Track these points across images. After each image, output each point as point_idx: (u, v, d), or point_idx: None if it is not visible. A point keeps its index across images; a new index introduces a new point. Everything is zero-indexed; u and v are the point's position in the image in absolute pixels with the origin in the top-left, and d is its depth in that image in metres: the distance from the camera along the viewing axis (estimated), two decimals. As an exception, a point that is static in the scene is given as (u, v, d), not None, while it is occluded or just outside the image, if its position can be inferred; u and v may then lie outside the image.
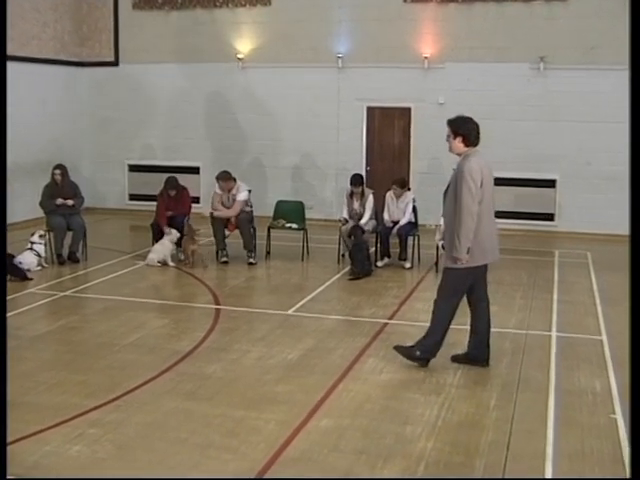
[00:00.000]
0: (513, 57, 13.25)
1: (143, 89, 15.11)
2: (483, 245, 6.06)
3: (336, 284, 9.73)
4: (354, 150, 14.13)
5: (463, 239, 5.96)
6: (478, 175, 5.91)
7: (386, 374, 6.26)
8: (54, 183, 10.69)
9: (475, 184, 5.89)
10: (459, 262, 6.04)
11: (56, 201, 10.53)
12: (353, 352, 6.81)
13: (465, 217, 5.91)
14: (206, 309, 8.36)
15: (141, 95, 15.12)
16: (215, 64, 14.61)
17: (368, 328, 7.59)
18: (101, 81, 15.41)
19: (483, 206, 5.97)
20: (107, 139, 15.49)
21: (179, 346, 6.94)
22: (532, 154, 13.43)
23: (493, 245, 6.20)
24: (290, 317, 8.04)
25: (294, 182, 14.54)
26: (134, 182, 15.44)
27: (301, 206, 11.61)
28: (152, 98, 15.08)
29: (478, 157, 6.03)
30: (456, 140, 6.03)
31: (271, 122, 14.46)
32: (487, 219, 6.06)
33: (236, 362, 6.53)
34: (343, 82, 14.05)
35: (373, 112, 14.04)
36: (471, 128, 6.04)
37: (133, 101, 15.19)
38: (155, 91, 15.05)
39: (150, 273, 10.18)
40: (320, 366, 6.44)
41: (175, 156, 14.98)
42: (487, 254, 6.15)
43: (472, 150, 6.05)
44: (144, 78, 15.10)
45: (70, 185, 10.79)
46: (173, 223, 10.78)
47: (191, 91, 14.85)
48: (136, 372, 6.22)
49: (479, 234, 6.01)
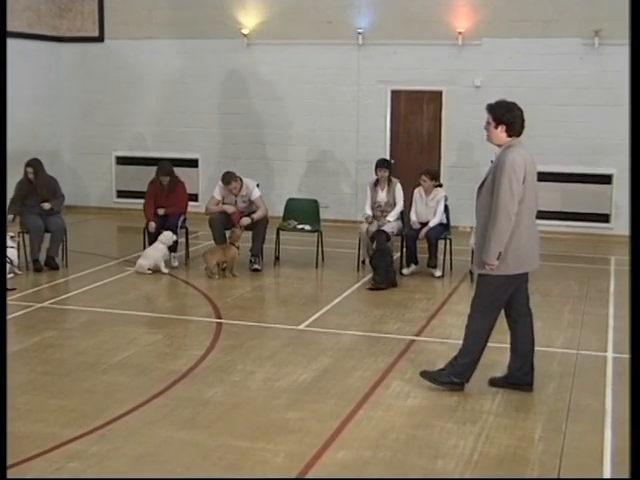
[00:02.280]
0: (562, 31, 13.22)
1: (132, 69, 15.18)
2: (521, 251, 6.05)
3: (355, 295, 9.71)
4: (376, 140, 14.13)
5: (494, 242, 5.95)
6: (521, 170, 5.91)
7: (413, 399, 6.24)
8: (27, 181, 10.73)
9: (517, 180, 5.88)
10: (488, 267, 6.03)
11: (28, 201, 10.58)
12: (375, 374, 6.80)
13: (501, 217, 5.90)
14: (205, 323, 8.37)
15: (130, 76, 15.20)
16: (216, 40, 14.67)
17: (392, 346, 7.58)
18: (83, 59, 15.50)
19: (524, 206, 5.97)
20: (91, 127, 15.58)
21: (174, 366, 6.95)
22: (584, 145, 13.38)
23: (533, 251, 6.19)
24: (302, 333, 8.04)
25: (307, 177, 14.56)
26: (122, 177, 15.51)
27: (315, 205, 11.63)
28: (143, 80, 15.15)
29: (522, 149, 6.03)
30: (498, 129, 6.03)
31: (280, 108, 14.49)
32: (528, 221, 6.05)
33: (239, 385, 6.53)
34: (364, 62, 14.06)
35: (398, 96, 14.04)
36: (516, 116, 6.04)
37: (121, 83, 15.27)
38: (146, 71, 15.12)
39: (141, 282, 10.20)
40: (337, 390, 6.43)
41: (169, 147, 15.04)
42: (526, 261, 6.14)
43: (515, 141, 6.05)
44: (133, 56, 15.17)
45: (46, 182, 10.80)
46: (166, 224, 10.81)
47: (188, 72, 14.91)
48: (124, 396, 6.23)
49: (517, 238, 6.00)
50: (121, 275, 10.44)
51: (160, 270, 10.48)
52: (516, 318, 6.37)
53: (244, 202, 10.85)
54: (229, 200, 10.85)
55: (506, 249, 5.98)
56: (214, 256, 10.31)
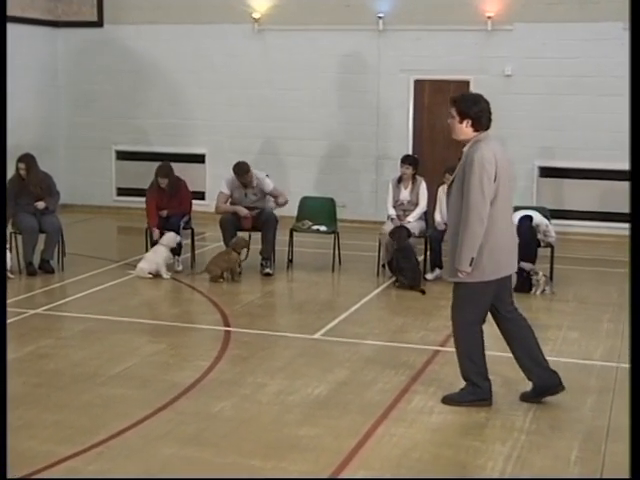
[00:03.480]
0: (602, 14, 13.14)
1: (134, 57, 15.24)
2: (497, 255, 6.04)
3: (375, 301, 9.71)
4: (398, 134, 14.12)
5: (466, 247, 5.93)
6: (492, 166, 5.90)
7: (438, 415, 6.23)
8: (19, 178, 10.76)
9: (489, 178, 5.87)
10: (461, 275, 6.03)
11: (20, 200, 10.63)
12: (396, 387, 6.79)
13: (472, 220, 5.88)
14: (212, 332, 8.38)
15: (131, 64, 15.25)
16: (224, 26, 14.71)
17: (415, 357, 7.57)
18: (81, 46, 15.57)
19: (497, 206, 5.95)
20: (89, 119, 15.64)
21: (178, 378, 6.96)
22: (626, 139, 13.29)
23: (511, 254, 6.20)
24: (317, 342, 8.05)
25: (322, 174, 14.56)
26: (123, 173, 15.57)
27: (331, 204, 11.64)
28: (145, 68, 15.20)
29: (491, 143, 6.03)
30: (463, 123, 6.03)
31: (294, 99, 14.50)
32: (502, 222, 6.04)
33: (249, 398, 6.53)
34: (385, 49, 14.06)
35: (422, 86, 14.02)
36: (483, 109, 6.04)
37: (121, 71, 15.32)
38: (149, 60, 15.17)
39: (142, 286, 10.23)
40: (355, 404, 6.43)
41: (174, 141, 15.08)
42: (503, 266, 6.14)
43: (483, 135, 6.05)
44: (135, 43, 15.22)
45: (40, 179, 10.82)
46: (168, 225, 10.84)
47: (194, 60, 14.95)
48: (124, 410, 6.24)
49: (492, 241, 5.98)
50: (122, 279, 10.47)
51: (161, 274, 10.49)
52: (505, 326, 6.40)
53: (255, 195, 10.88)
54: (238, 194, 10.87)
55: (480, 254, 5.97)
56: (217, 267, 10.32)
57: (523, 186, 13.31)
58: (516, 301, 6.57)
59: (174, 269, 10.80)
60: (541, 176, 13.70)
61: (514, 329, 6.41)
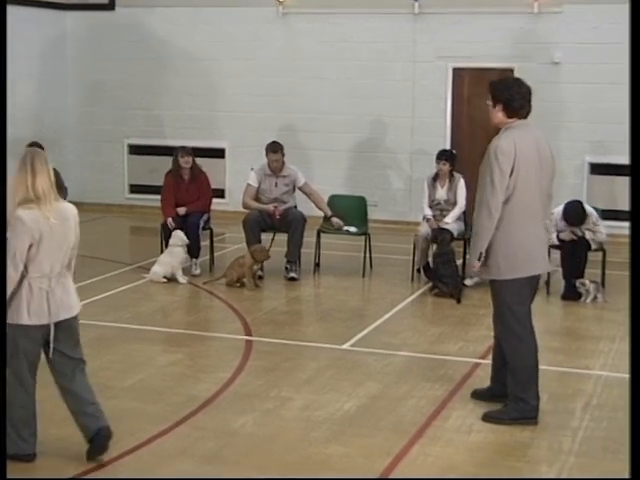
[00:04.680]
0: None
1: (148, 42, 15.30)
2: (514, 254, 6.13)
3: (409, 309, 9.71)
4: (434, 128, 14.10)
5: (474, 241, 6.17)
6: (507, 159, 6.00)
7: (477, 434, 6.22)
8: None
9: (500, 170, 5.99)
10: (473, 270, 6.23)
11: None
12: (432, 403, 6.79)
13: (481, 213, 6.07)
14: (233, 341, 8.42)
15: (145, 51, 15.32)
16: (246, 9, 14.76)
17: (453, 370, 7.57)
18: (91, 31, 15.65)
19: (516, 202, 6.05)
20: (100, 110, 15.73)
21: (196, 390, 6.99)
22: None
23: (532, 256, 6.25)
24: (347, 353, 8.06)
25: (352, 170, 14.57)
26: (136, 169, 15.64)
27: (362, 203, 11.65)
28: (160, 55, 15.26)
29: (520, 132, 6.11)
30: (496, 108, 6.17)
31: (322, 89, 14.52)
32: (523, 219, 6.12)
33: (273, 413, 6.56)
34: (421, 34, 14.05)
35: (461, 75, 13.99)
36: (515, 93, 6.13)
37: (135, 59, 15.39)
38: (164, 46, 15.23)
39: (157, 292, 10.29)
40: (387, 421, 6.43)
41: (192, 134, 15.13)
42: (518, 266, 6.19)
43: (516, 123, 6.16)
44: (149, 27, 15.29)
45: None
46: (186, 224, 10.89)
47: (213, 46, 14.99)
48: (137, 425, 6.28)
49: (509, 239, 6.10)
50: (135, 284, 10.52)
51: (176, 279, 10.53)
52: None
53: (286, 185, 10.94)
54: (267, 185, 10.92)
55: (495, 251, 6.11)
56: (233, 271, 10.36)
57: (572, 184, 13.25)
58: (564, 310, 6.55)
59: (191, 273, 10.85)
60: (592, 173, 13.62)
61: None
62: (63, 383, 5.68)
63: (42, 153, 5.55)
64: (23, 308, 5.38)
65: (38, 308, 5.41)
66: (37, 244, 5.33)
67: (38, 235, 5.31)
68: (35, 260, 5.36)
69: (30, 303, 5.39)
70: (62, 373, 5.66)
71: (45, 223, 5.34)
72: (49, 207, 5.38)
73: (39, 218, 5.33)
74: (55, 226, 5.40)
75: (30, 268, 5.37)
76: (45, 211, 5.36)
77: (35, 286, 5.40)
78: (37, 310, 5.41)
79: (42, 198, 5.36)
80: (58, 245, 5.46)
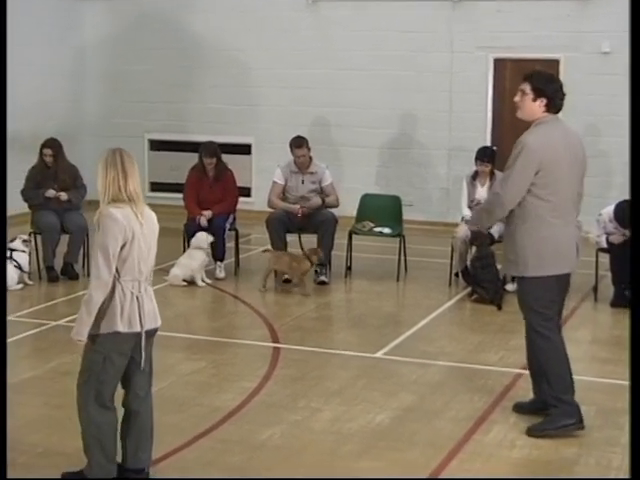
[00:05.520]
0: None
1: (170, 32, 15.34)
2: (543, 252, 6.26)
3: (447, 316, 9.69)
4: (474, 122, 14.05)
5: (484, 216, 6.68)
6: (534, 154, 6.15)
7: (520, 449, 6.20)
8: (44, 166, 10.87)
9: (523, 165, 6.15)
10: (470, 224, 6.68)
11: (46, 192, 10.73)
12: (471, 415, 6.77)
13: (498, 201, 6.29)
14: (259, 348, 8.43)
15: (168, 41, 15.36)
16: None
17: (493, 381, 7.54)
18: (111, 18, 15.72)
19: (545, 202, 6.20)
20: (119, 103, 15.79)
21: (220, 401, 7.01)
22: None
23: (561, 255, 6.36)
24: (380, 362, 8.05)
25: (386, 168, 14.55)
26: (157, 165, 15.69)
27: (396, 203, 11.65)
28: (183, 45, 15.29)
29: (552, 127, 6.28)
30: (537, 102, 6.31)
31: (353, 81, 14.51)
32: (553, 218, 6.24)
33: (301, 425, 6.55)
34: (459, 23, 14.01)
35: (503, 66, 13.94)
36: (558, 89, 6.35)
37: (156, 49, 15.44)
38: (187, 36, 15.27)
39: (179, 296, 10.32)
40: (423, 434, 6.42)
41: (216, 129, 15.14)
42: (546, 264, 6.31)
43: (549, 117, 6.33)
44: (172, 16, 15.34)
45: (66, 169, 10.95)
46: (210, 227, 10.90)
47: (239, 36, 15.02)
48: (158, 438, 6.25)
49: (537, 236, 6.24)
50: (155, 287, 10.45)
51: (195, 282, 10.54)
52: None
53: (313, 183, 10.96)
54: (293, 182, 10.94)
55: (523, 247, 6.27)
56: (277, 263, 10.35)
57: (620, 183, 13.14)
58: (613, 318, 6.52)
59: (215, 276, 10.87)
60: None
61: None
62: (132, 405, 5.54)
63: (129, 153, 5.43)
64: (117, 314, 5.24)
65: (131, 314, 5.28)
66: (130, 243, 5.23)
67: (131, 233, 5.23)
68: (127, 261, 5.25)
69: (123, 309, 5.27)
70: (135, 393, 5.54)
71: (137, 222, 5.27)
72: (140, 207, 5.33)
73: (131, 216, 5.25)
74: (145, 228, 5.34)
75: (122, 270, 5.26)
76: (136, 211, 5.29)
77: (127, 290, 5.29)
78: (129, 317, 5.28)
79: (134, 199, 5.31)
80: (147, 248, 5.38)
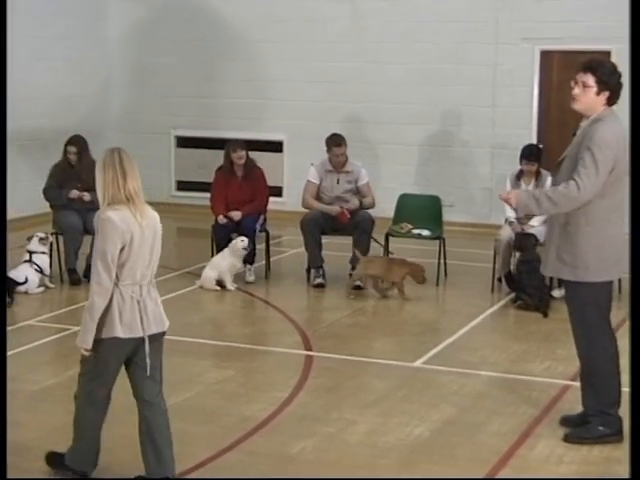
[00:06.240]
0: None
1: (198, 23, 15.38)
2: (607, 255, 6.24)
3: (489, 323, 9.67)
4: (519, 118, 13.99)
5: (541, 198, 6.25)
6: (611, 152, 6.10)
7: (568, 465, 6.18)
8: (67, 164, 10.93)
9: (603, 163, 6.06)
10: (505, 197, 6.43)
11: (69, 193, 10.79)
12: (516, 429, 6.74)
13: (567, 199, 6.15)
14: (291, 356, 8.44)
15: (196, 32, 15.39)
16: (307, -15, 14.80)
17: (539, 393, 7.52)
18: (138, 10, 15.79)
19: (608, 201, 6.17)
20: (144, 98, 15.84)
21: (249, 411, 7.02)
22: None
23: (619, 258, 6.36)
24: (418, 372, 8.04)
25: (425, 166, 14.52)
26: (184, 163, 15.74)
27: (436, 203, 11.63)
28: (211, 37, 15.31)
29: (615, 123, 6.25)
30: (600, 96, 6.26)
31: (390, 74, 14.49)
32: (616, 219, 6.28)
33: (335, 438, 6.55)
34: (503, 12, 13.95)
35: (550, 59, 13.87)
36: (620, 81, 6.30)
37: (184, 41, 15.47)
38: (216, 26, 15.29)
39: (207, 300, 10.35)
40: (465, 448, 6.40)
41: (245, 125, 15.17)
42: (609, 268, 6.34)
43: (608, 111, 6.30)
44: (201, 6, 15.37)
45: (90, 168, 10.91)
46: (240, 228, 10.93)
47: (269, 27, 15.02)
48: (185, 449, 6.29)
49: (602, 238, 6.22)
50: (182, 291, 10.58)
51: (224, 286, 10.56)
52: None
53: (349, 183, 10.96)
54: (328, 182, 10.95)
55: (585, 252, 6.20)
56: (370, 267, 10.36)
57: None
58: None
59: (245, 280, 10.88)
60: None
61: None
62: (144, 412, 5.68)
63: (127, 152, 5.64)
64: (115, 319, 5.35)
65: (131, 319, 5.38)
66: (128, 246, 5.34)
67: (129, 236, 5.33)
68: (126, 265, 5.36)
69: (122, 314, 5.37)
70: (144, 400, 5.66)
71: (136, 224, 5.37)
72: (139, 209, 5.43)
73: (129, 219, 5.36)
74: (146, 230, 5.43)
75: (121, 275, 5.36)
76: (135, 213, 5.40)
77: (127, 295, 5.39)
78: (130, 321, 5.38)
79: (133, 200, 5.42)
80: (149, 250, 5.47)
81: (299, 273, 11.11)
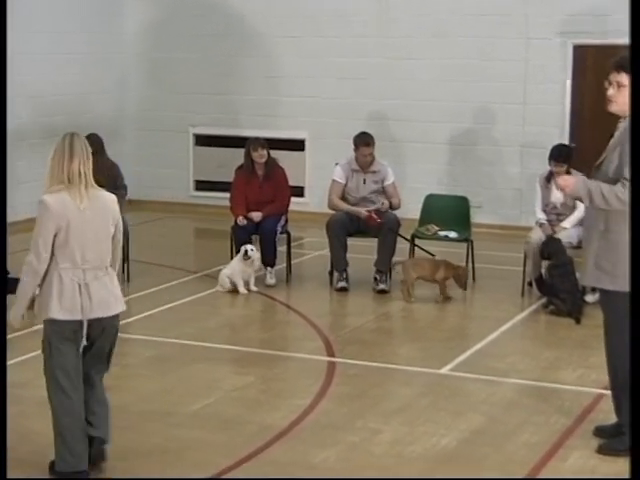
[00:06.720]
0: None
1: (218, 17, 15.39)
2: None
3: (519, 329, 9.64)
4: (551, 115, 13.96)
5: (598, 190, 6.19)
6: None
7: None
8: None
9: None
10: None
11: None
12: (547, 439, 6.72)
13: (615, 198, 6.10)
14: (313, 362, 8.44)
15: (215, 26, 15.41)
16: (331, -23, 14.80)
17: (571, 402, 7.49)
18: (155, 4, 15.80)
19: None
20: (162, 94, 15.87)
21: (270, 419, 7.02)
22: None
23: None
24: (445, 379, 8.03)
25: (452, 166, 14.50)
26: (203, 162, 15.75)
27: (464, 204, 11.62)
28: (231, 31, 15.32)
29: None
30: None
31: (416, 70, 14.47)
32: None
33: (359, 448, 6.55)
34: (535, 5, 13.91)
35: (584, 54, 13.82)
36: None
37: (203, 35, 15.48)
38: (236, 20, 15.31)
39: (226, 304, 10.37)
40: (493, 460, 6.39)
41: (267, 122, 15.18)
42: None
43: None
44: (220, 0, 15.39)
45: (107, 169, 11.01)
46: (260, 230, 10.95)
47: (292, 21, 15.02)
48: (203, 458, 6.31)
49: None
50: (200, 295, 10.59)
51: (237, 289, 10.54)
52: None
53: (375, 183, 10.95)
54: (354, 182, 10.94)
55: (625, 259, 6.09)
56: (417, 269, 10.37)
57: None
58: None
59: (265, 283, 10.88)
60: None
61: None
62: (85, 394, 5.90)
63: (83, 137, 5.87)
64: (53, 301, 5.58)
65: (70, 302, 5.60)
66: (65, 231, 5.55)
67: (65, 221, 5.53)
68: (65, 249, 5.58)
69: (61, 296, 5.58)
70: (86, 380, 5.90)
71: (74, 208, 5.56)
72: (82, 192, 5.60)
73: (67, 203, 5.55)
74: (87, 213, 5.60)
75: (59, 258, 5.59)
76: (75, 196, 5.57)
77: (66, 278, 5.60)
78: (69, 304, 5.60)
79: (75, 182, 5.59)
80: (93, 235, 5.64)
81: (321, 276, 11.12)
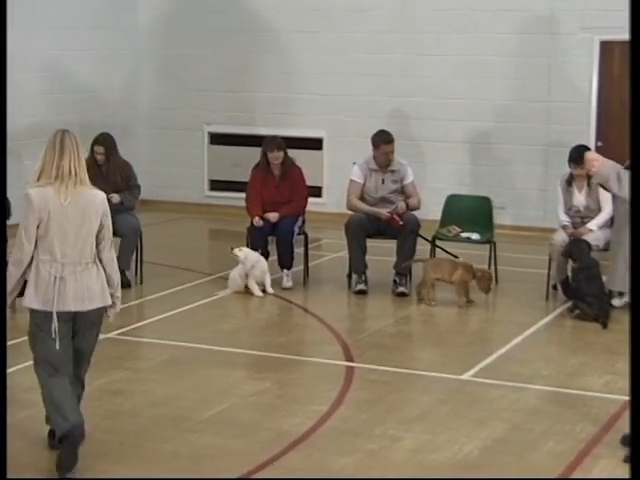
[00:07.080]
0: None
1: (234, 12, 15.40)
2: None
3: (543, 334, 9.62)
4: (576, 113, 13.93)
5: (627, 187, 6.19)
6: None
7: (629, 487, 6.12)
8: (94, 164, 10.98)
9: None
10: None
11: None
12: (572, 448, 6.69)
13: None
14: (331, 367, 8.43)
15: (231, 22, 15.43)
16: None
17: (597, 409, 7.47)
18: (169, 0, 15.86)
19: None
20: (176, 92, 15.89)
21: (287, 425, 7.02)
22: None
23: None
24: (467, 385, 8.01)
25: (473, 165, 14.48)
26: (217, 161, 15.77)
27: (486, 205, 11.62)
28: (247, 27, 15.32)
29: None
30: None
31: (436, 67, 14.46)
32: None
33: (378, 455, 6.54)
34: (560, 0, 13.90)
35: (611, 50, 13.79)
36: None
37: (218, 31, 15.51)
38: (252, 15, 15.32)
39: (241, 307, 10.39)
40: (517, 467, 6.37)
41: (283, 121, 15.18)
42: None
43: None
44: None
45: (119, 169, 11.04)
46: (277, 230, 10.96)
47: (308, 16, 15.01)
48: (218, 464, 6.32)
49: None
50: (214, 298, 10.59)
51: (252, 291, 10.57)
52: None
53: (394, 183, 10.94)
54: (373, 182, 10.93)
55: None
56: (437, 270, 10.37)
57: None
58: None
59: (282, 285, 10.89)
60: None
61: None
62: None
63: (73, 135, 6.25)
64: (29, 290, 5.98)
65: (44, 293, 5.93)
66: (45, 224, 5.88)
67: (46, 215, 5.86)
68: (44, 241, 5.91)
69: (37, 287, 5.95)
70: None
71: (56, 203, 5.88)
72: (68, 188, 5.93)
73: (49, 197, 5.88)
74: (69, 209, 5.92)
75: (40, 250, 5.92)
76: (60, 191, 5.90)
77: (44, 270, 5.93)
78: (43, 295, 5.93)
79: (64, 179, 5.94)
80: (73, 230, 5.94)
81: (339, 278, 11.11)
